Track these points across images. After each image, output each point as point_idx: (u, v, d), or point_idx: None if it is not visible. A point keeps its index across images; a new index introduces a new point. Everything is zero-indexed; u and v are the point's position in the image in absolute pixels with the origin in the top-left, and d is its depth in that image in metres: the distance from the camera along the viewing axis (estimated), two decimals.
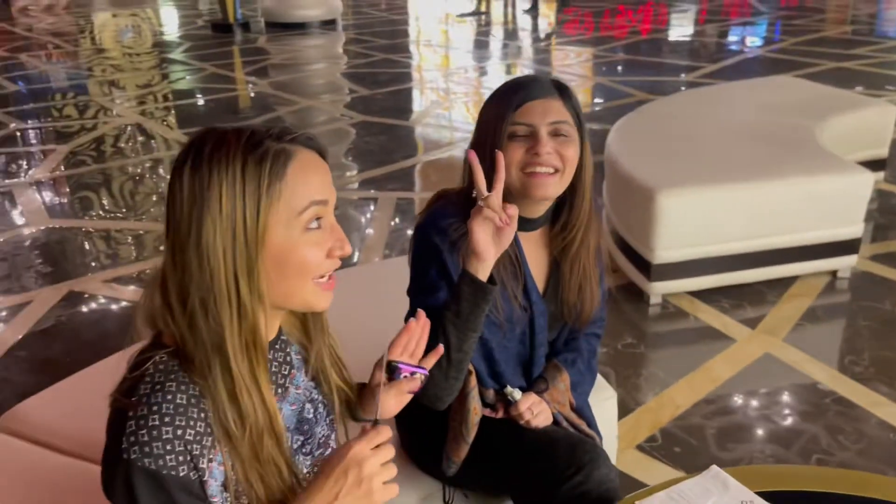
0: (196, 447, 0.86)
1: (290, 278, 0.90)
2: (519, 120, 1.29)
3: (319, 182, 0.91)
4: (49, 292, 3.26)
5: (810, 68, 6.89)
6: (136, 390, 0.85)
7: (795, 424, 2.29)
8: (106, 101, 6.85)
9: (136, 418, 0.83)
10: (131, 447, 0.82)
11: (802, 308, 2.91)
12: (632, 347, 2.72)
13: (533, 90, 1.30)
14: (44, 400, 1.69)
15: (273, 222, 0.87)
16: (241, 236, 0.85)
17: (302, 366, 1.06)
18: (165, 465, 0.83)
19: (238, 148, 0.86)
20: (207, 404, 0.87)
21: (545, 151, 1.28)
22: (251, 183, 0.86)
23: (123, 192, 4.57)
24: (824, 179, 2.93)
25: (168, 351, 0.88)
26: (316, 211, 0.90)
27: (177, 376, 0.87)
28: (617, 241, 3.21)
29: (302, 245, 0.89)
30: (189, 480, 0.85)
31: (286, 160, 0.88)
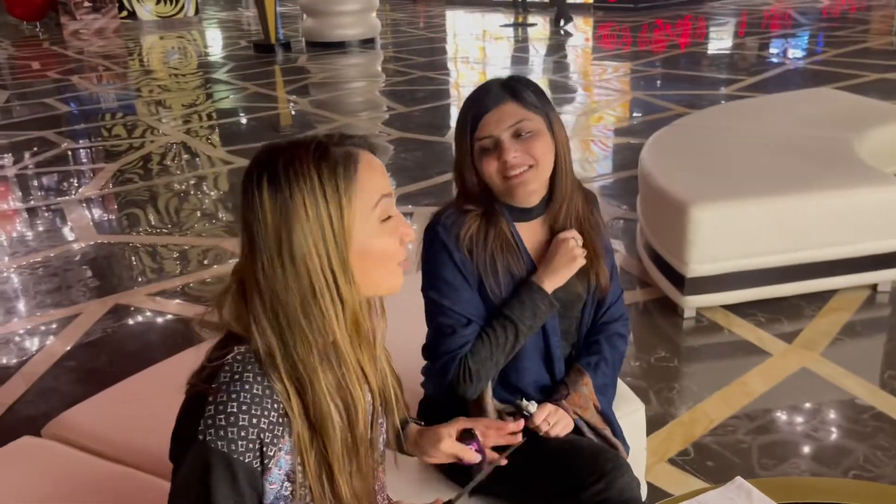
0: (268, 435, 0.93)
1: (375, 267, 0.99)
2: (480, 135, 1.37)
3: (382, 177, 1.00)
4: (96, 305, 3.38)
5: (853, 80, 6.78)
6: (216, 378, 0.93)
7: (832, 440, 2.26)
8: (153, 120, 7.07)
9: (216, 403, 0.91)
10: (208, 429, 0.90)
11: (841, 322, 2.87)
12: (665, 361, 2.71)
13: (484, 103, 1.38)
14: (89, 408, 1.76)
15: (355, 220, 0.95)
16: (331, 236, 0.93)
17: None
18: (236, 450, 0.91)
19: (310, 159, 0.94)
20: (281, 398, 0.94)
21: (512, 156, 1.36)
22: (329, 188, 0.93)
23: (168, 209, 4.71)
24: (863, 192, 2.89)
25: (246, 346, 0.96)
26: (386, 203, 0.99)
27: (253, 368, 0.94)
28: (650, 255, 3.20)
29: (380, 236, 0.98)
30: (253, 469, 0.93)
31: (354, 163, 0.97)
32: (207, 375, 0.94)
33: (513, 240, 1.43)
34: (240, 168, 5.38)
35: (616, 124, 6.24)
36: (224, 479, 0.91)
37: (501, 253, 1.41)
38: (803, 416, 2.38)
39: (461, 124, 1.40)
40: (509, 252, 1.42)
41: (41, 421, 1.90)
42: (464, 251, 1.39)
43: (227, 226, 4.36)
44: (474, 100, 1.40)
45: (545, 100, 1.41)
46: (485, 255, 1.40)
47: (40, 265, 3.86)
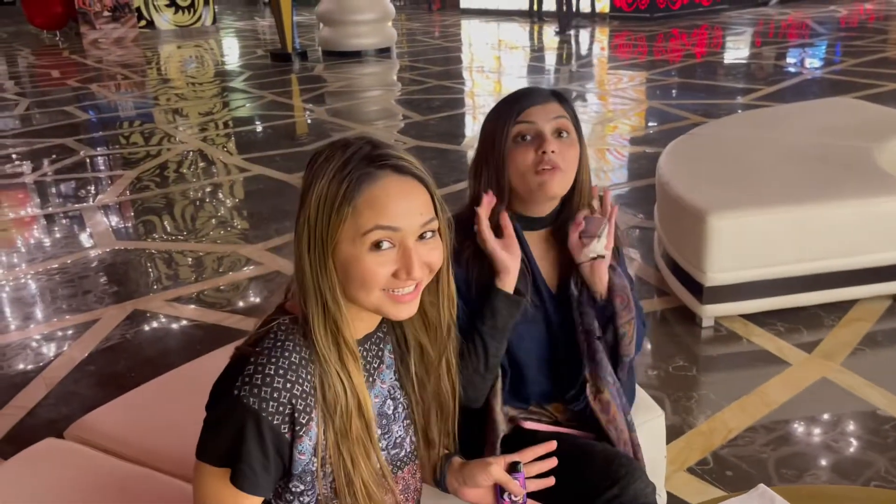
0: (300, 403, 0.97)
1: (354, 286, 0.99)
2: (523, 119, 1.37)
3: (394, 208, 0.97)
4: (115, 311, 3.40)
5: (872, 90, 6.74)
6: (260, 342, 0.99)
7: (853, 451, 2.23)
8: (170, 128, 7.13)
9: (255, 364, 0.96)
10: (244, 386, 0.95)
11: (862, 332, 2.84)
12: (683, 370, 2.70)
13: (532, 97, 1.39)
14: (110, 411, 1.77)
15: (342, 237, 0.97)
16: (319, 241, 0.97)
17: (392, 364, 1.14)
18: (267, 409, 0.95)
19: (333, 164, 0.98)
20: (315, 369, 0.99)
21: (552, 149, 1.35)
22: (330, 199, 0.96)
23: (185, 216, 4.74)
24: (883, 201, 2.87)
25: (291, 317, 1.02)
26: (381, 235, 0.97)
27: (296, 338, 0.99)
28: (668, 263, 3.19)
29: (364, 262, 0.98)
30: (280, 433, 0.97)
31: (362, 183, 0.96)
32: (254, 341, 1.00)
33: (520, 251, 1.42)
34: (256, 175, 5.42)
35: (632, 133, 6.23)
36: (253, 435, 0.95)
37: None
38: (823, 427, 2.36)
39: (500, 114, 1.39)
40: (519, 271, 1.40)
41: (62, 424, 1.92)
42: (463, 265, 1.38)
43: (243, 233, 4.39)
44: (518, 94, 1.41)
45: (577, 117, 1.43)
46: (483, 271, 1.39)
47: (59, 271, 3.89)
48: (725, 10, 14.63)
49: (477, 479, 1.18)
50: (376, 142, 1.01)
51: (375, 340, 1.12)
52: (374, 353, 1.12)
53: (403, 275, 0.99)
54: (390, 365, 1.14)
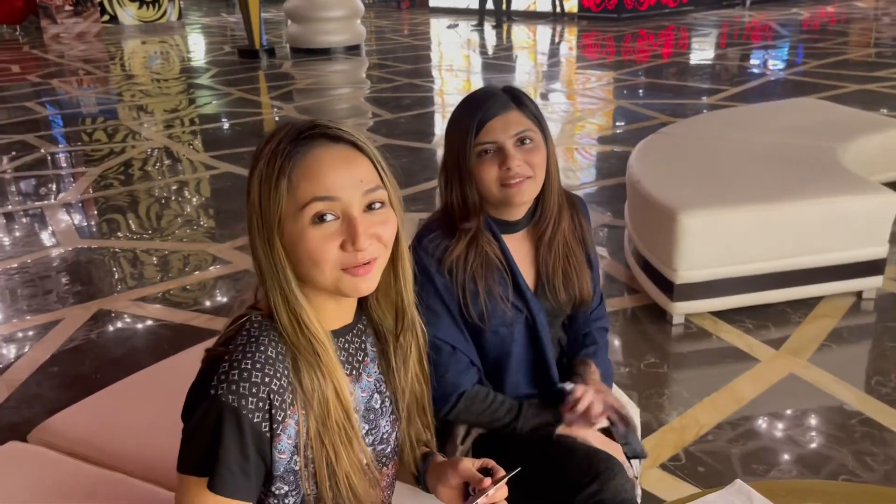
0: (277, 399, 0.94)
1: (306, 266, 0.97)
2: (483, 140, 1.34)
3: (331, 180, 0.95)
4: (79, 311, 3.32)
5: (834, 91, 6.87)
6: (232, 340, 0.96)
7: (821, 446, 2.27)
8: (135, 125, 7.00)
9: (231, 361, 0.93)
10: (220, 384, 0.92)
11: (827, 329, 2.89)
12: (655, 367, 2.72)
13: (490, 108, 1.35)
14: (76, 413, 1.73)
15: (284, 215, 0.95)
16: (264, 224, 0.95)
17: (376, 357, 1.12)
18: (246, 406, 0.92)
19: (270, 144, 0.96)
20: (291, 363, 0.96)
21: (515, 165, 1.34)
22: (267, 178, 0.95)
23: (151, 214, 4.66)
24: (848, 200, 2.92)
25: (262, 313, 0.99)
26: (319, 207, 0.94)
27: (269, 333, 0.97)
28: (639, 261, 3.21)
29: (308, 236, 0.95)
30: (260, 430, 0.93)
31: (295, 156, 0.95)
32: (225, 340, 0.98)
33: (500, 254, 1.42)
34: (223, 173, 5.34)
35: (600, 133, 6.27)
36: (233, 435, 0.91)
37: (482, 272, 1.39)
38: (792, 422, 2.39)
39: (461, 127, 1.37)
40: (490, 271, 1.40)
41: (25, 427, 1.87)
42: (445, 275, 1.38)
43: (210, 231, 4.32)
44: (477, 104, 1.37)
45: (541, 113, 1.41)
46: (464, 277, 1.38)
47: (20, 270, 3.79)
48: (691, 12, 14.82)
49: (449, 477, 1.15)
50: (317, 120, 0.99)
51: (357, 332, 1.09)
52: (357, 345, 1.09)
53: (350, 246, 0.95)
54: (374, 358, 1.11)
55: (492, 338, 1.41)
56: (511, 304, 1.41)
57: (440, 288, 1.37)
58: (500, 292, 1.39)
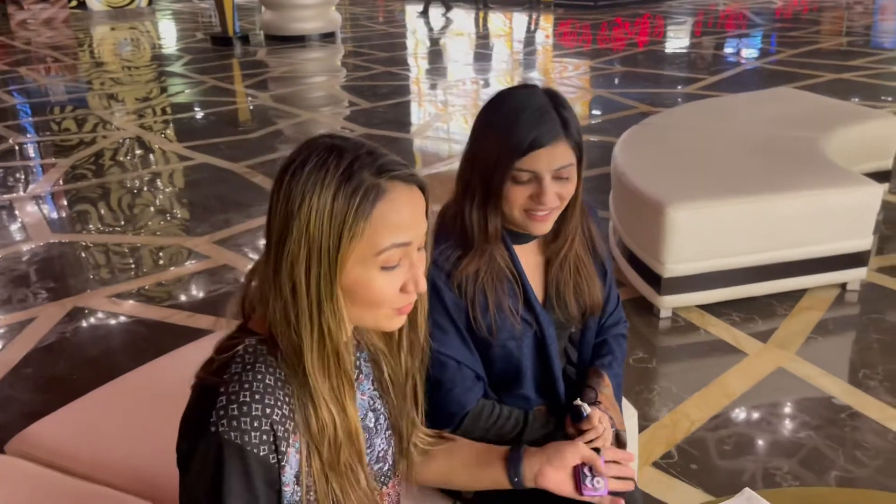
0: (280, 429, 0.88)
1: (360, 307, 0.91)
2: (524, 167, 1.25)
3: (408, 224, 0.90)
4: (53, 308, 3.23)
5: (808, 80, 6.91)
6: (227, 369, 0.89)
7: (812, 441, 2.27)
8: (106, 114, 6.84)
9: (228, 394, 0.87)
10: (220, 420, 0.85)
11: (813, 321, 2.90)
12: (643, 362, 2.70)
13: (541, 136, 1.24)
14: (54, 422, 1.65)
15: (351, 259, 0.87)
16: (323, 260, 0.86)
17: (370, 373, 1.07)
18: (250, 441, 0.86)
19: (335, 175, 0.86)
20: (292, 390, 0.90)
21: (548, 200, 1.27)
22: (338, 216, 0.85)
23: (125, 207, 4.54)
24: (833, 192, 2.92)
25: (258, 337, 0.92)
26: (396, 253, 0.89)
27: (266, 359, 0.90)
28: (626, 255, 3.19)
29: (376, 281, 0.90)
30: (268, 463, 0.88)
31: (376, 198, 0.87)
32: (217, 368, 0.90)
33: (512, 266, 1.36)
34: (199, 164, 5.23)
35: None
36: (237, 473, 0.86)
37: (493, 284, 1.33)
38: (783, 417, 2.39)
39: (505, 144, 1.25)
40: (500, 282, 1.34)
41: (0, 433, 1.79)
42: (454, 289, 1.31)
43: (187, 224, 4.23)
44: (528, 124, 1.24)
45: (581, 135, 1.32)
46: (474, 290, 1.32)
47: None
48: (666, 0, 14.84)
49: (565, 455, 1.11)
50: (371, 148, 0.91)
51: (353, 349, 1.04)
52: (353, 363, 1.04)
53: (411, 287, 0.92)
54: (368, 375, 1.07)
55: (499, 351, 1.36)
56: (521, 317, 1.36)
57: (449, 304, 1.30)
58: (510, 305, 1.34)
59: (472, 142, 1.34)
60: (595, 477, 1.10)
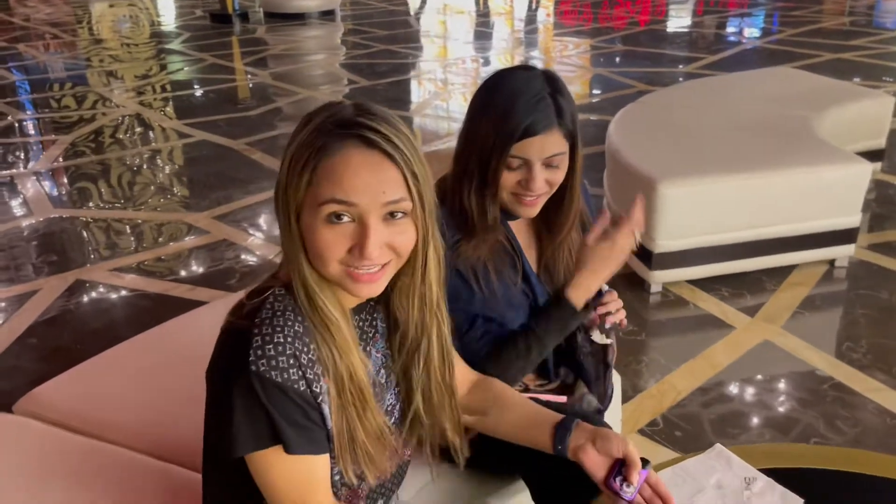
0: (310, 372, 0.95)
1: (313, 257, 0.96)
2: (515, 154, 1.29)
3: (353, 185, 0.92)
4: (55, 281, 3.29)
5: (809, 59, 6.92)
6: (258, 313, 0.95)
7: (794, 410, 2.33)
8: (105, 91, 6.86)
9: (262, 335, 0.93)
10: (258, 360, 0.92)
11: (801, 296, 2.96)
12: (633, 335, 2.76)
13: (535, 124, 1.27)
14: (60, 384, 1.72)
15: (303, 203, 0.94)
16: (285, 205, 0.95)
17: (385, 333, 1.12)
18: (290, 378, 0.93)
19: (306, 128, 0.94)
20: (314, 336, 0.97)
21: (537, 186, 1.31)
22: (296, 162, 0.93)
23: (124, 183, 4.59)
24: (823, 170, 2.97)
25: (285, 285, 0.99)
26: (335, 208, 0.92)
27: (293, 308, 0.97)
28: None
29: (319, 233, 0.94)
30: (308, 397, 0.95)
31: (327, 152, 0.92)
32: (248, 312, 0.96)
33: (508, 242, 1.42)
34: (199, 141, 5.26)
35: (577, 101, 6.27)
36: (283, 401, 0.93)
37: (492, 258, 1.38)
38: (767, 387, 2.45)
39: (499, 130, 1.28)
40: (499, 256, 1.40)
41: (5, 399, 1.85)
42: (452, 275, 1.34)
43: (187, 201, 4.28)
44: (523, 110, 1.27)
45: (577, 122, 1.34)
46: (475, 263, 1.37)
47: None
48: None
49: (611, 445, 1.12)
50: (363, 107, 0.96)
51: (369, 310, 1.10)
52: (369, 322, 1.10)
53: (357, 252, 0.94)
54: (383, 334, 1.12)
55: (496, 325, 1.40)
56: (520, 289, 1.41)
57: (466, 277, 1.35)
58: (509, 277, 1.40)
59: (468, 122, 1.37)
60: (626, 482, 1.09)
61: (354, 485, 1.06)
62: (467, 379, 1.29)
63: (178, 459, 1.48)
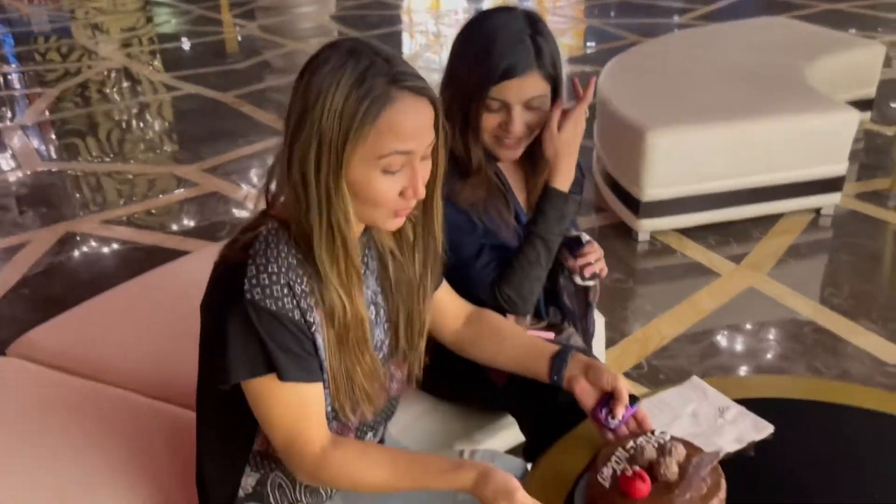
0: (304, 302, 0.98)
1: (361, 205, 0.99)
2: (495, 96, 1.30)
3: (412, 132, 0.95)
4: (46, 233, 3.29)
5: (804, 10, 6.85)
6: (252, 246, 0.97)
7: (775, 353, 2.39)
8: (90, 44, 6.76)
9: (256, 265, 0.95)
10: (253, 289, 0.94)
11: (786, 244, 2.99)
12: (621, 283, 2.80)
13: (513, 66, 1.28)
14: (54, 327, 1.74)
15: (355, 157, 0.94)
16: (332, 156, 0.93)
17: (376, 270, 1.14)
18: (284, 306, 0.96)
19: (350, 77, 0.92)
20: (308, 271, 0.98)
21: (516, 129, 1.32)
22: (347, 116, 0.92)
23: (112, 136, 4.56)
24: (810, 118, 2.98)
25: (278, 220, 1.00)
26: (397, 160, 0.96)
27: (287, 241, 0.98)
28: (606, 180, 3.26)
29: (376, 183, 0.97)
30: (302, 324, 0.98)
31: (383, 105, 0.93)
32: (242, 245, 0.98)
33: (500, 183, 1.43)
34: (187, 94, 5.22)
35: (571, 53, 6.21)
36: (277, 330, 0.95)
37: (486, 197, 1.40)
38: (749, 332, 2.50)
39: (479, 72, 1.29)
40: (492, 196, 1.41)
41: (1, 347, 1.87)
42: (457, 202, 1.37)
43: (176, 154, 4.26)
44: (501, 52, 1.28)
45: (558, 65, 1.35)
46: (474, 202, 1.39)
47: None
48: None
49: (601, 378, 1.14)
50: (389, 55, 0.96)
51: (361, 247, 1.11)
52: (361, 259, 1.11)
53: (410, 193, 0.99)
54: (374, 272, 1.14)
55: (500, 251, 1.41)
56: (513, 228, 1.43)
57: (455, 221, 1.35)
58: (504, 216, 1.41)
59: (449, 63, 1.38)
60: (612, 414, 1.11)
61: (351, 421, 1.10)
62: (463, 312, 1.31)
63: (174, 399, 1.51)
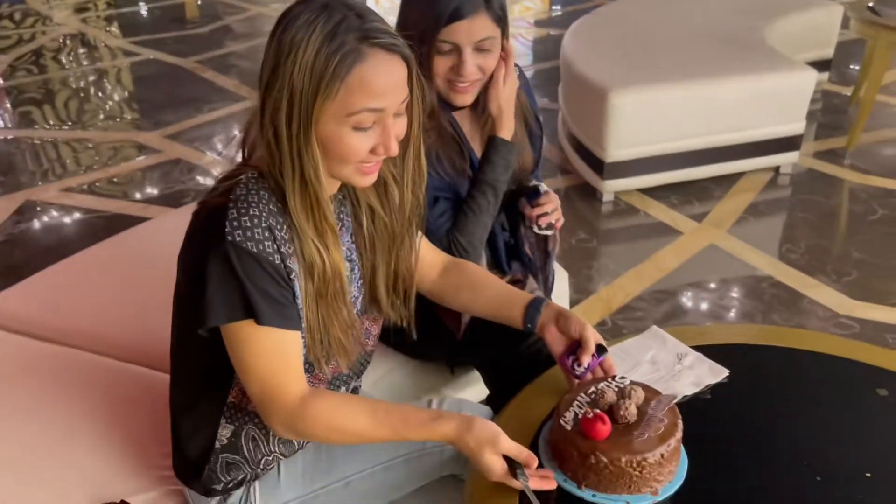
0: (284, 247, 0.98)
1: (332, 160, 0.99)
2: (444, 38, 1.31)
3: (383, 89, 0.95)
4: (4, 202, 3.23)
5: None
6: (232, 192, 0.97)
7: (735, 308, 2.45)
8: (44, 8, 6.55)
9: (237, 209, 0.95)
10: (234, 231, 0.94)
11: (746, 202, 3.06)
12: (585, 242, 2.84)
13: (461, 7, 1.29)
14: (16, 293, 1.73)
15: (326, 114, 0.94)
16: (302, 115, 0.93)
17: (351, 226, 1.14)
18: (264, 250, 0.96)
19: (321, 32, 0.92)
20: (287, 220, 0.99)
21: (468, 71, 1.34)
22: (318, 72, 0.92)
23: (70, 103, 4.46)
24: (768, 77, 3.02)
25: (257, 169, 1.00)
26: (368, 117, 0.96)
27: (266, 189, 0.99)
28: (572, 143, 3.28)
29: (346, 139, 0.96)
30: (282, 269, 0.98)
31: (354, 62, 0.92)
32: (223, 191, 0.98)
33: (454, 131, 1.44)
34: (146, 60, 5.10)
35: (536, 16, 6.20)
36: (257, 272, 0.95)
37: (442, 147, 1.41)
38: (711, 288, 2.57)
39: (427, 14, 1.30)
40: (447, 144, 1.42)
41: None
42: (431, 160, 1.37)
43: (135, 120, 4.18)
44: None
45: (505, 10, 1.37)
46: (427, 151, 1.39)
47: None
48: None
49: (570, 326, 1.16)
50: (362, 10, 0.95)
51: (336, 203, 1.12)
52: (336, 215, 1.12)
53: (382, 150, 0.99)
54: (348, 228, 1.15)
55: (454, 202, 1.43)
56: (468, 176, 1.45)
57: None
58: (458, 166, 1.43)
59: (401, 9, 1.39)
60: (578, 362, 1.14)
61: (325, 373, 1.11)
62: (439, 262, 1.33)
63: (143, 361, 1.52)
